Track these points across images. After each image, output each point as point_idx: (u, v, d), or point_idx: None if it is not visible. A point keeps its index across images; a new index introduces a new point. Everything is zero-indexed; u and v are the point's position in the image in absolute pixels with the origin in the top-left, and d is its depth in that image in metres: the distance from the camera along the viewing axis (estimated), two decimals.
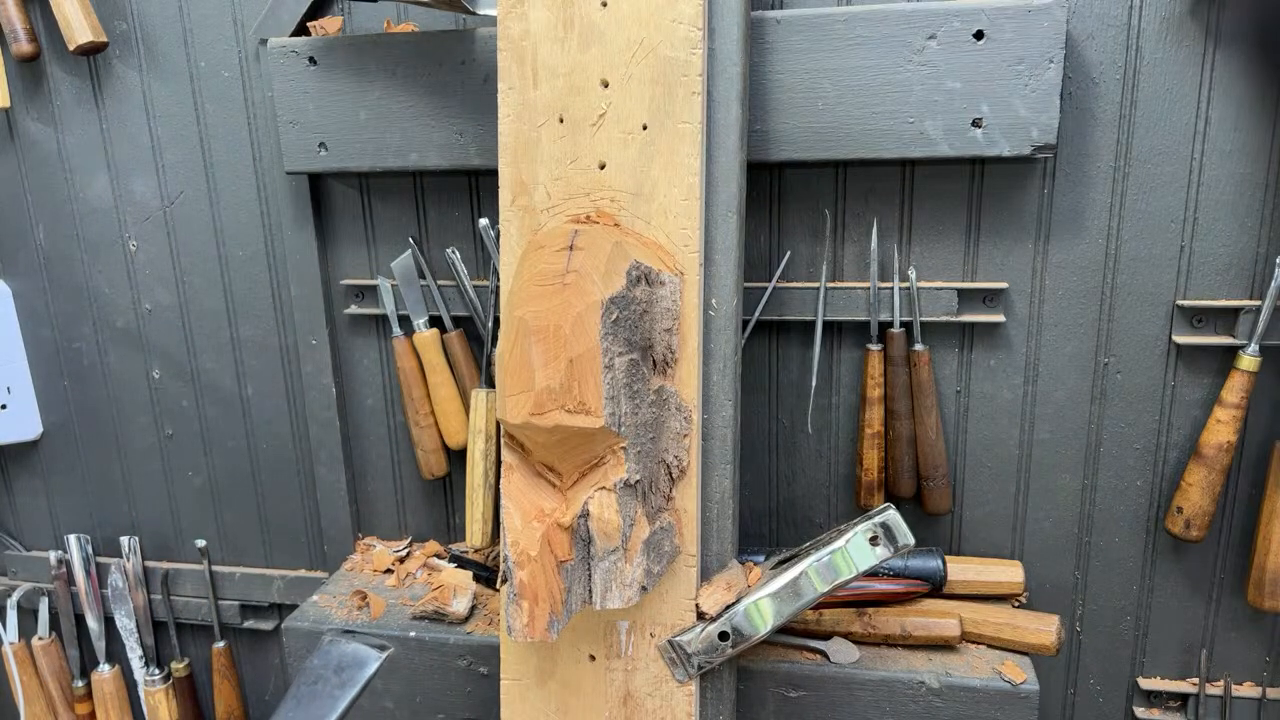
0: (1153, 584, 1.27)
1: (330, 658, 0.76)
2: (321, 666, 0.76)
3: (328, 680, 0.75)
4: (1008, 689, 1.12)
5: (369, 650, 0.76)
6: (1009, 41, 1.05)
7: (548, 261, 0.93)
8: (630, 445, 0.93)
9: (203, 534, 1.58)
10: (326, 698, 0.73)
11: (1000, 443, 1.26)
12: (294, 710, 0.73)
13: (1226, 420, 1.14)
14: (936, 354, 1.24)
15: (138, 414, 1.56)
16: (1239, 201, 1.13)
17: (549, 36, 1.00)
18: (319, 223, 1.38)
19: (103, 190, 1.46)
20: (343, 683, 0.75)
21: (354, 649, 0.76)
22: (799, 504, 1.34)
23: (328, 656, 0.76)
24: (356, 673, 0.75)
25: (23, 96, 1.45)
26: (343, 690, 0.74)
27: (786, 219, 1.24)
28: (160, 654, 1.64)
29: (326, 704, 0.73)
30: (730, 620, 1.02)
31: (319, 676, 0.75)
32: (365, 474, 1.48)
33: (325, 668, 0.76)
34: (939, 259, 1.21)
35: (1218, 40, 1.09)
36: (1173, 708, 1.30)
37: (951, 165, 1.18)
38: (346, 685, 0.74)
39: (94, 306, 1.52)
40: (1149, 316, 1.18)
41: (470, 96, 1.21)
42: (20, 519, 1.68)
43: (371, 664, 0.76)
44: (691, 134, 0.97)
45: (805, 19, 1.09)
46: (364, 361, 1.43)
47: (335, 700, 0.73)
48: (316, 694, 0.74)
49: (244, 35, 1.35)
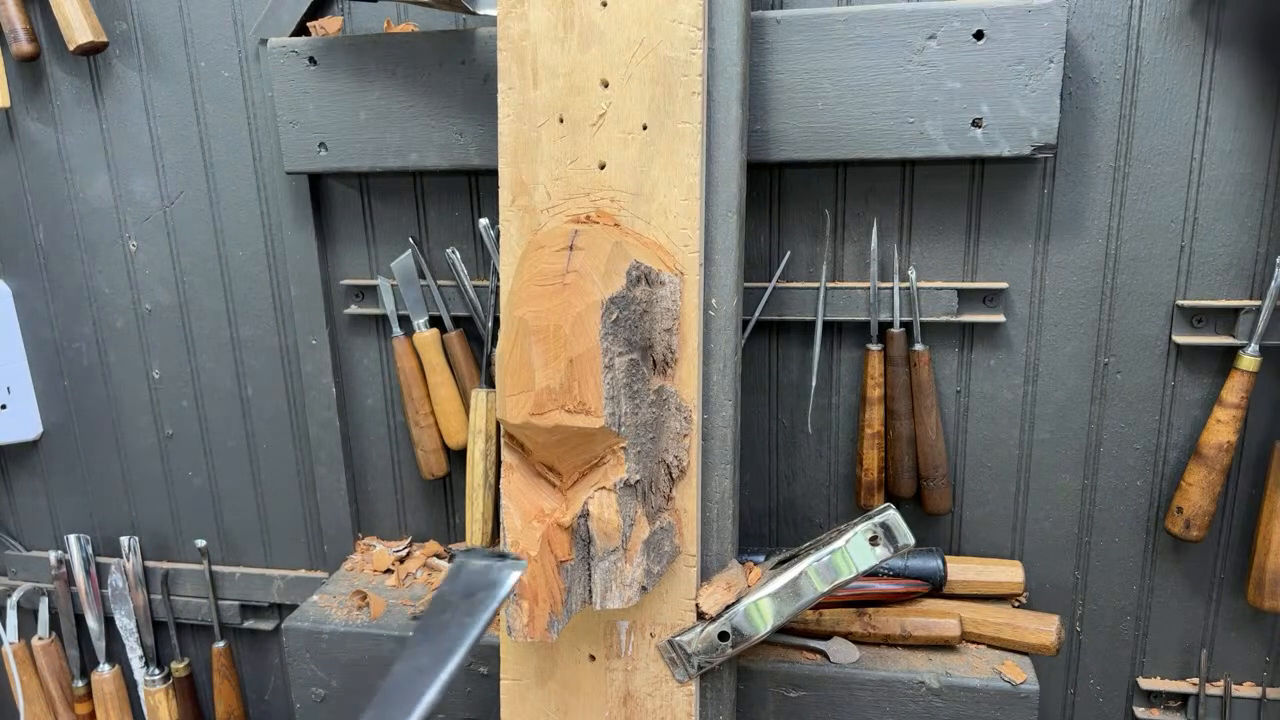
0: (1153, 584, 1.27)
1: (459, 582, 0.70)
2: (450, 593, 0.69)
3: (456, 608, 0.68)
4: (1008, 689, 1.12)
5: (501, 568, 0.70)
6: (1009, 41, 1.05)
7: (548, 261, 0.93)
8: (630, 445, 0.93)
9: (203, 534, 1.58)
10: (455, 627, 0.67)
11: (1000, 443, 1.26)
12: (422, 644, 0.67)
13: (1226, 420, 1.14)
14: (936, 354, 1.24)
15: (138, 414, 1.56)
16: (1239, 201, 1.13)
17: (549, 36, 1.00)
18: (319, 223, 1.38)
19: (103, 190, 1.46)
20: (472, 608, 0.68)
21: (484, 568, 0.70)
22: (799, 504, 1.34)
23: (456, 581, 0.70)
24: (488, 595, 0.68)
25: (23, 96, 1.45)
26: (473, 617, 0.67)
27: (786, 219, 1.24)
28: (160, 654, 1.64)
29: (456, 635, 0.67)
30: (730, 620, 1.02)
31: (447, 604, 0.69)
32: (365, 474, 1.48)
33: (454, 594, 0.69)
34: (939, 259, 1.21)
35: (1218, 40, 1.09)
36: (1173, 708, 1.30)
37: (951, 165, 1.18)
38: (477, 611, 0.68)
39: (94, 306, 1.52)
40: (1149, 316, 1.18)
41: (470, 96, 1.21)
42: (20, 519, 1.68)
43: (505, 584, 0.69)
44: (691, 134, 0.97)
45: (805, 19, 1.09)
46: (364, 361, 1.43)
47: (465, 629, 0.67)
48: (445, 624, 0.67)
49: (244, 35, 1.35)
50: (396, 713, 0.64)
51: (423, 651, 0.67)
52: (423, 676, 0.66)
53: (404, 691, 0.65)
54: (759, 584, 1.04)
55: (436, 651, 0.66)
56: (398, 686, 0.66)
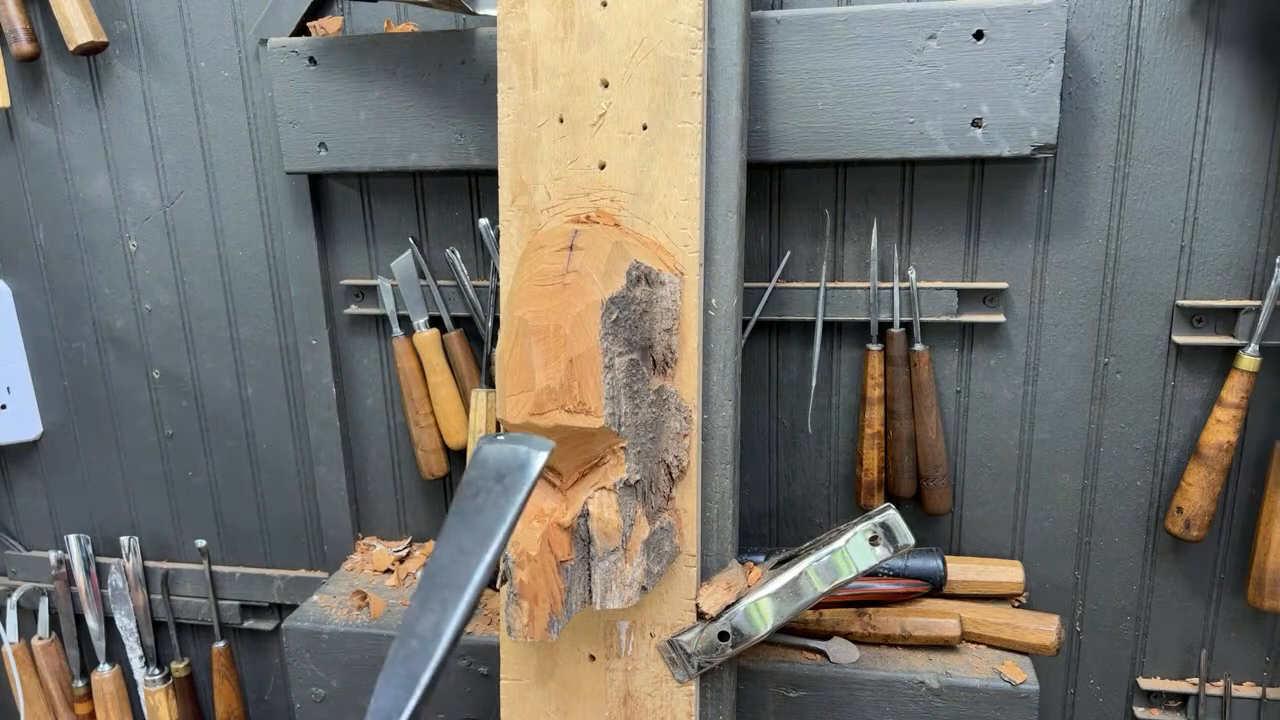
0: (1153, 584, 1.27)
1: (487, 466, 0.68)
2: (480, 478, 0.68)
3: (489, 490, 0.67)
4: (1008, 689, 1.12)
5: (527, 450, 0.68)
6: (1009, 41, 1.05)
7: (548, 261, 0.93)
8: (630, 445, 0.93)
9: (203, 534, 1.58)
10: (492, 509, 0.66)
11: (1000, 443, 1.26)
12: (459, 528, 0.66)
13: (1226, 420, 1.14)
14: (936, 354, 1.24)
15: (138, 414, 1.56)
16: (1239, 201, 1.13)
17: (549, 36, 1.00)
18: (319, 223, 1.38)
19: (103, 190, 1.46)
20: (506, 489, 0.67)
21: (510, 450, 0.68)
22: (799, 504, 1.34)
23: (484, 466, 0.68)
24: (519, 475, 0.67)
25: (23, 96, 1.45)
26: (507, 498, 0.67)
27: (786, 219, 1.24)
28: (160, 654, 1.64)
29: (494, 515, 0.66)
30: (730, 620, 1.02)
31: (479, 489, 0.68)
32: (365, 474, 1.48)
33: (484, 478, 0.68)
34: (939, 259, 1.21)
35: (1218, 40, 1.09)
36: (1173, 708, 1.30)
37: (951, 165, 1.18)
38: (511, 491, 0.67)
39: (94, 306, 1.52)
40: (1149, 316, 1.18)
41: (470, 96, 1.21)
42: (20, 519, 1.68)
43: (535, 463, 0.68)
44: (691, 134, 0.97)
45: (805, 19, 1.09)
46: (364, 361, 1.43)
47: (502, 510, 0.66)
48: (480, 508, 0.67)
49: (244, 35, 1.35)
50: (446, 593, 0.64)
51: (462, 534, 0.66)
52: (466, 558, 0.65)
53: (450, 573, 0.65)
54: (759, 584, 1.04)
55: (477, 534, 0.66)
56: (442, 569, 0.65)
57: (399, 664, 0.63)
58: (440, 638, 0.63)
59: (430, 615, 0.64)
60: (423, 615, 0.64)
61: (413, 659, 0.63)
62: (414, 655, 0.63)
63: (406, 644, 0.63)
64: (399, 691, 0.62)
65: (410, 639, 0.63)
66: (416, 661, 0.62)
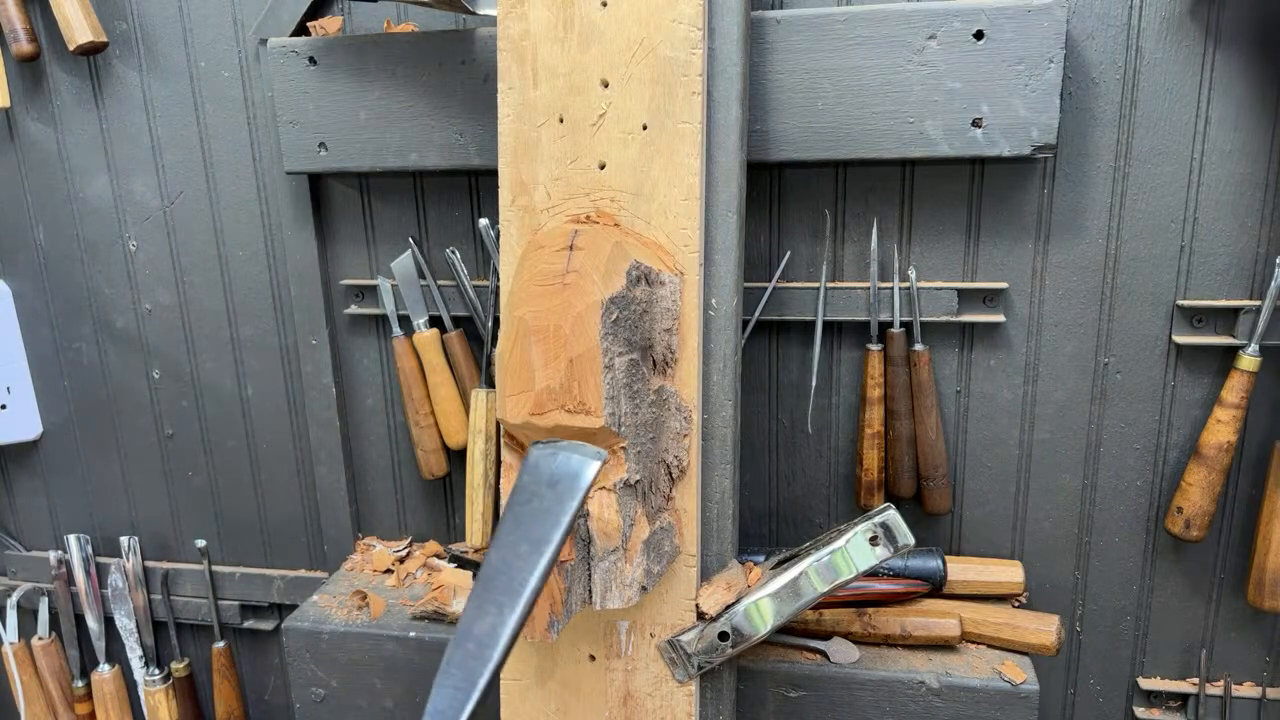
0: (1153, 584, 1.27)
1: (540, 473, 0.70)
2: (533, 484, 0.70)
3: (543, 496, 0.69)
4: (1008, 689, 1.12)
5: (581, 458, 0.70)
6: (1009, 41, 1.05)
7: (548, 261, 0.93)
8: (630, 445, 0.93)
9: (203, 534, 1.58)
10: (545, 514, 0.68)
11: (1000, 443, 1.26)
12: (514, 533, 0.68)
13: (1226, 420, 1.14)
14: (936, 354, 1.24)
15: (138, 414, 1.56)
16: (1239, 201, 1.13)
17: (549, 36, 1.00)
18: (319, 223, 1.38)
19: (103, 190, 1.47)
20: (560, 496, 0.69)
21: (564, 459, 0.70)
22: (799, 504, 1.34)
23: (537, 472, 0.70)
24: (572, 484, 0.69)
25: (23, 96, 1.45)
26: (561, 505, 0.68)
27: (786, 219, 1.24)
28: (160, 654, 1.64)
29: (548, 521, 0.68)
30: (730, 620, 1.02)
31: (532, 494, 0.69)
32: (365, 474, 1.48)
33: (537, 484, 0.70)
34: (939, 259, 1.21)
35: (1218, 40, 1.09)
36: (1173, 708, 1.30)
37: (951, 165, 1.18)
38: (565, 498, 0.69)
39: (94, 306, 1.52)
40: (1149, 316, 1.18)
41: (470, 96, 1.21)
42: (20, 519, 1.68)
43: (588, 471, 0.69)
44: (691, 134, 0.97)
45: (805, 19, 1.09)
46: (364, 361, 1.43)
47: (556, 516, 0.68)
48: (534, 512, 0.68)
49: (244, 35, 1.35)
50: (501, 597, 0.65)
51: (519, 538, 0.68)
52: (521, 563, 0.67)
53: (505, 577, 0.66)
54: (759, 584, 1.04)
55: (531, 539, 0.67)
56: (498, 574, 0.66)
57: (456, 666, 0.64)
58: (497, 641, 0.64)
59: (487, 618, 0.65)
60: (479, 618, 0.65)
61: (469, 661, 0.64)
62: (471, 657, 0.64)
63: (463, 646, 0.64)
64: (456, 693, 0.63)
65: (467, 641, 0.64)
66: (474, 664, 0.63)
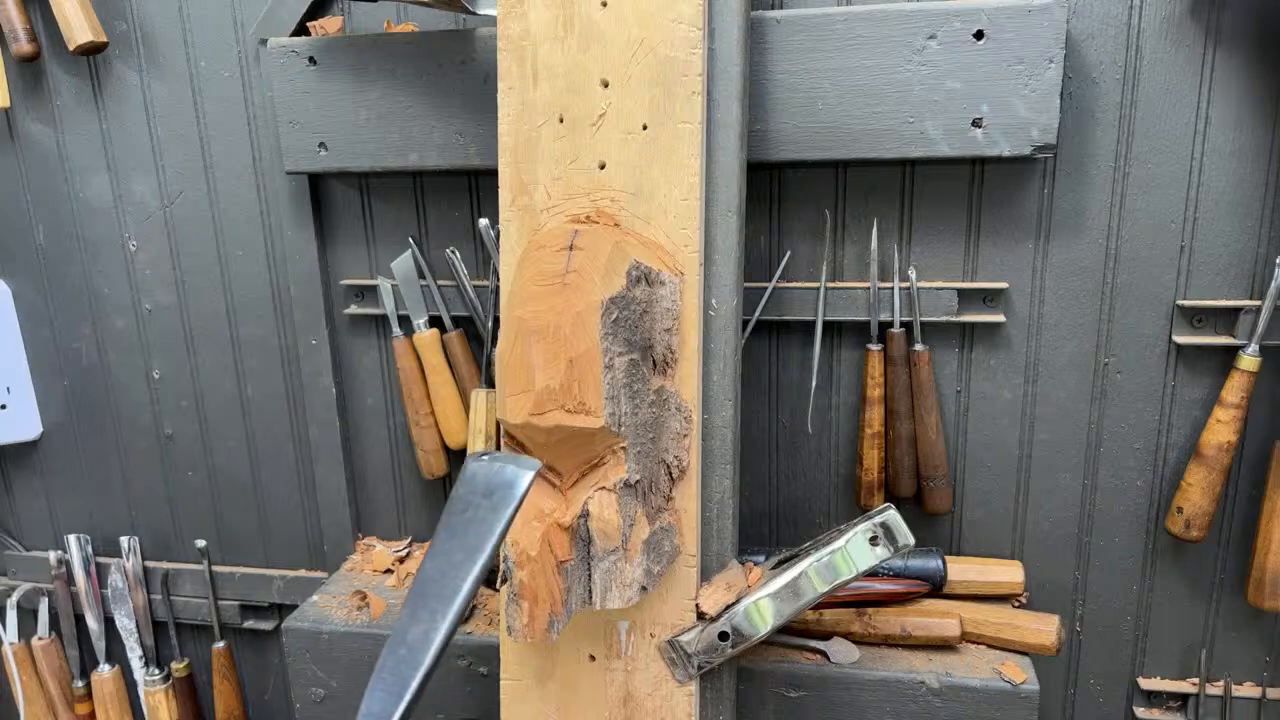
0: (1153, 584, 1.27)
1: (477, 484, 0.72)
2: (469, 494, 0.71)
3: (478, 506, 0.70)
4: (1008, 689, 1.12)
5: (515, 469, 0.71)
6: (1009, 41, 1.05)
7: (548, 261, 0.93)
8: (630, 445, 0.93)
9: (203, 534, 1.58)
10: (480, 523, 0.69)
11: (1000, 443, 1.26)
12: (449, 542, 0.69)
13: (1226, 420, 1.14)
14: (936, 354, 1.24)
15: (138, 414, 1.56)
16: (1239, 201, 1.13)
17: (549, 36, 1.00)
18: (319, 223, 1.38)
19: (103, 190, 1.47)
20: (495, 505, 0.70)
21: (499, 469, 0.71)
22: (799, 504, 1.34)
23: (473, 482, 0.72)
24: (507, 493, 0.70)
25: (23, 96, 1.45)
26: (495, 514, 0.70)
27: (786, 219, 1.24)
28: (160, 654, 1.64)
29: (483, 530, 0.69)
30: (730, 620, 1.02)
31: (468, 504, 0.71)
32: (365, 474, 1.48)
33: (473, 494, 0.71)
34: (939, 259, 1.21)
35: (1218, 40, 1.09)
36: (1173, 708, 1.30)
37: (951, 165, 1.18)
38: (500, 507, 0.70)
39: (94, 306, 1.52)
40: (1149, 316, 1.18)
41: (470, 96, 1.21)
42: (20, 519, 1.68)
43: (523, 482, 0.71)
44: (691, 134, 0.97)
45: (805, 19, 1.09)
46: (364, 361, 1.43)
47: (491, 525, 0.69)
48: (469, 521, 0.70)
49: (244, 35, 1.35)
50: (435, 604, 0.67)
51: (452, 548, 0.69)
52: (455, 570, 0.68)
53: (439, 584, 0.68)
54: (759, 584, 1.04)
55: (466, 547, 0.69)
56: (432, 581, 0.68)
57: (389, 671, 0.65)
58: (429, 646, 0.65)
59: (419, 624, 0.66)
60: (412, 625, 0.66)
61: (402, 666, 0.65)
62: (403, 662, 0.65)
63: (396, 651, 0.66)
64: (389, 696, 0.64)
65: (400, 647, 0.66)
66: (406, 668, 0.65)
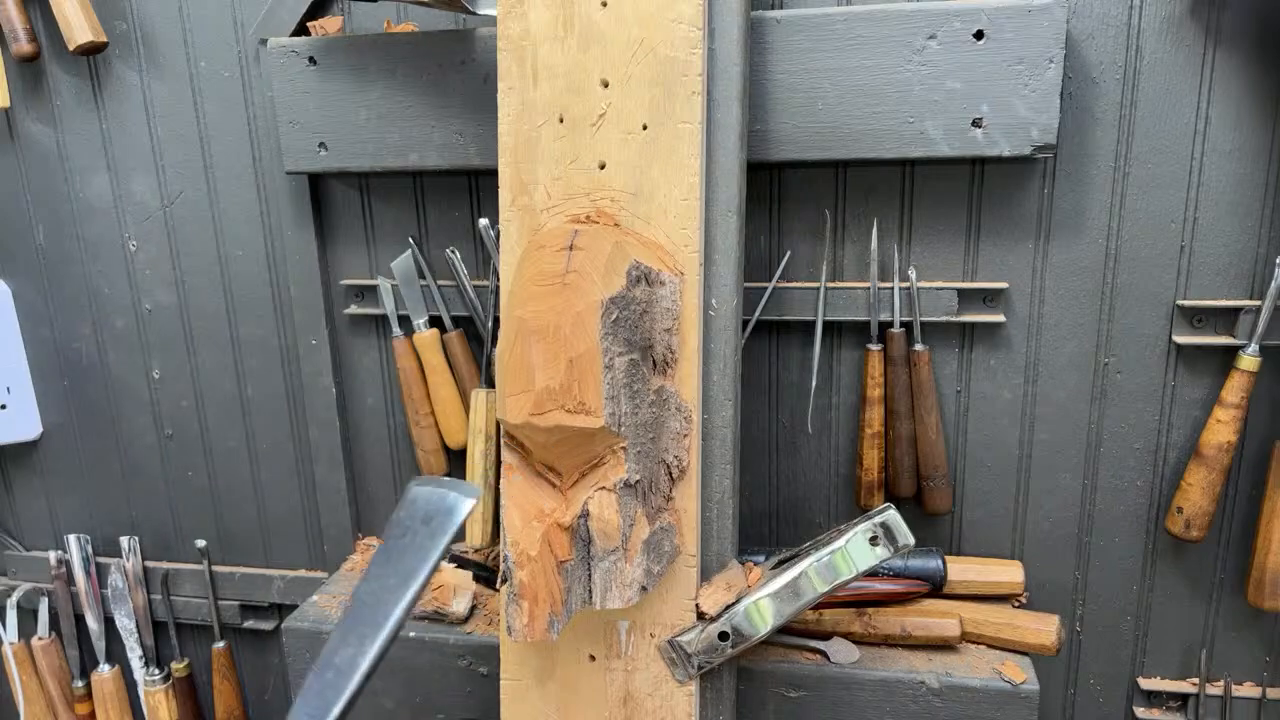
0: (1153, 584, 1.27)
1: (416, 508, 0.72)
2: (408, 518, 0.72)
3: (416, 532, 0.71)
4: (1008, 689, 1.12)
5: (456, 496, 0.72)
6: (1009, 41, 1.05)
7: (548, 261, 0.93)
8: (630, 445, 0.93)
9: (203, 534, 1.58)
10: (417, 550, 0.70)
11: (1000, 443, 1.26)
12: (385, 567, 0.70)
13: (1227, 420, 1.14)
14: (936, 354, 1.24)
15: (138, 414, 1.56)
16: (1239, 201, 1.13)
17: (549, 36, 1.00)
18: (319, 223, 1.38)
19: (103, 190, 1.46)
20: (432, 532, 0.71)
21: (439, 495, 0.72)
22: (799, 504, 1.34)
23: (413, 507, 0.72)
24: (446, 520, 0.71)
25: (23, 96, 1.45)
26: (433, 540, 0.70)
27: (786, 219, 1.24)
28: (160, 654, 1.64)
29: (419, 556, 0.70)
30: (730, 620, 1.02)
31: (407, 529, 0.72)
32: (365, 474, 1.48)
33: (412, 519, 0.72)
34: (939, 259, 1.21)
35: (1218, 40, 1.09)
36: (1173, 708, 1.30)
37: (951, 165, 1.18)
38: (437, 534, 0.71)
39: (94, 306, 1.52)
40: (1149, 316, 1.18)
41: (470, 96, 1.21)
42: (20, 519, 1.68)
43: (462, 509, 0.71)
44: (691, 134, 0.97)
45: (805, 19, 1.09)
46: (364, 361, 1.43)
47: (427, 551, 0.70)
48: (406, 548, 0.71)
49: (244, 35, 1.35)
50: (365, 629, 0.67)
51: (387, 573, 0.70)
52: (390, 595, 0.69)
53: (372, 610, 0.68)
54: (759, 584, 1.04)
55: (401, 573, 0.70)
56: (365, 606, 0.69)
57: (314, 694, 0.65)
58: (355, 670, 0.66)
59: (348, 648, 0.67)
60: (341, 648, 0.67)
61: (327, 690, 0.65)
62: (329, 686, 0.66)
63: (323, 675, 0.66)
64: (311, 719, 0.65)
65: (327, 670, 0.66)
66: (330, 692, 0.65)
